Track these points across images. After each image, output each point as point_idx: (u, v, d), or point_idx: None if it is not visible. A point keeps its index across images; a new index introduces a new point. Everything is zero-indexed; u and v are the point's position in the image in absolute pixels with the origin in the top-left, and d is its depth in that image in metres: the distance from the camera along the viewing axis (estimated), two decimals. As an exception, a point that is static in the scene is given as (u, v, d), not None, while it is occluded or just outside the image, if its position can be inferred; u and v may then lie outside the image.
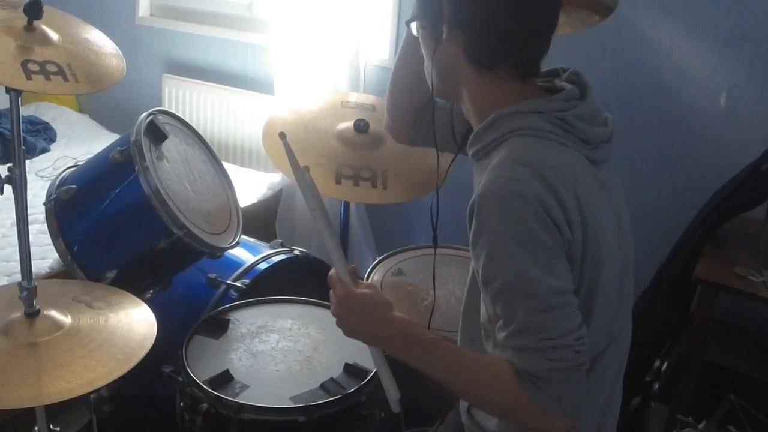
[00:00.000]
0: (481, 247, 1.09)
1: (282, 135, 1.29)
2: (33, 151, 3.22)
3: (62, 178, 1.82)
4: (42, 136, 3.38)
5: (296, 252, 2.14)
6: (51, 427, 1.57)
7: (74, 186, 1.73)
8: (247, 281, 1.96)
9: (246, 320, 1.78)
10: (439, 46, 1.19)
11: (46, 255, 2.39)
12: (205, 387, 1.50)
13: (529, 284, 1.05)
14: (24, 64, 1.35)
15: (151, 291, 1.82)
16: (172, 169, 1.79)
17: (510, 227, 1.06)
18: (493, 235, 1.07)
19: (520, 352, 1.07)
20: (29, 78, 1.34)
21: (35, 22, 1.42)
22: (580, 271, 1.12)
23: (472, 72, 1.19)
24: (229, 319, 1.76)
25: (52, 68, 1.38)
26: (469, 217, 1.11)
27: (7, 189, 1.41)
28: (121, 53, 1.57)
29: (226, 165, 2.07)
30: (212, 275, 1.97)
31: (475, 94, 1.21)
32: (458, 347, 1.21)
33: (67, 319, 1.46)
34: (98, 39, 1.57)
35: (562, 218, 1.07)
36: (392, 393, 1.23)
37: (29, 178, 1.47)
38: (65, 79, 1.38)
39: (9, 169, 1.41)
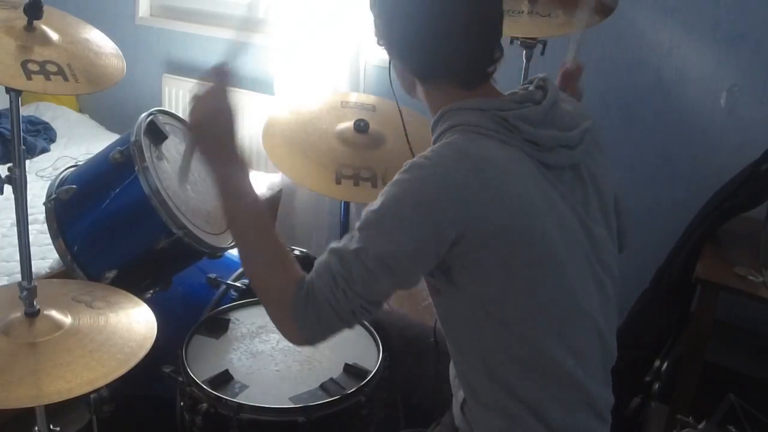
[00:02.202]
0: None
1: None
2: (33, 151, 3.22)
3: (62, 178, 1.82)
4: (42, 136, 3.38)
5: (296, 252, 2.14)
6: (51, 427, 1.56)
7: (74, 186, 1.73)
8: (247, 281, 1.96)
9: (246, 320, 1.78)
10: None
11: (46, 255, 2.39)
12: (204, 387, 1.50)
13: (370, 238, 1.12)
14: (24, 64, 1.34)
15: (151, 291, 1.82)
16: (172, 170, 1.79)
17: (396, 190, 1.12)
18: (386, 188, 1.15)
19: (324, 265, 1.14)
20: (29, 78, 1.34)
21: (35, 22, 1.42)
22: (486, 265, 1.13)
23: (418, 80, 1.25)
24: (229, 319, 1.76)
25: (52, 68, 1.37)
26: None
27: (7, 189, 1.41)
28: (120, 53, 1.57)
29: (226, 165, 2.07)
30: (212, 275, 1.97)
31: (428, 96, 1.26)
32: (265, 221, 1.22)
33: (67, 319, 1.46)
34: (98, 39, 1.57)
35: (456, 209, 1.10)
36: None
37: (29, 178, 1.47)
38: (65, 79, 1.38)
39: (9, 169, 1.41)
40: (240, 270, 2.00)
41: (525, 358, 1.18)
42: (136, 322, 1.51)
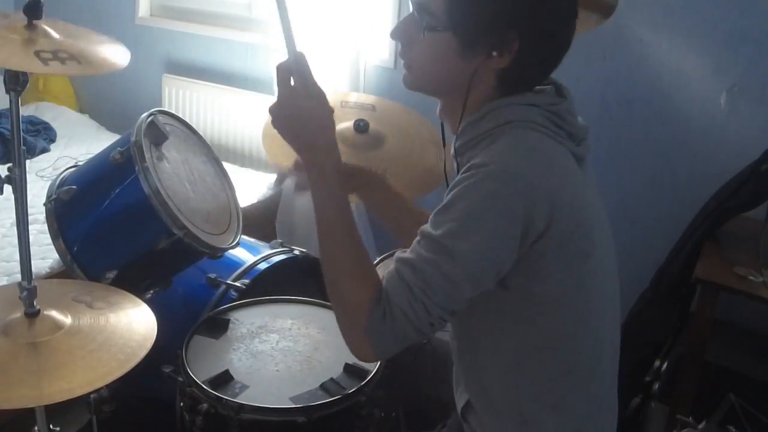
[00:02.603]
0: (450, 196, 1.09)
1: None
2: (33, 151, 3.23)
3: (62, 178, 1.82)
4: (42, 136, 3.38)
5: (296, 252, 2.14)
6: (51, 427, 1.56)
7: (74, 186, 1.73)
8: (247, 281, 1.95)
9: (246, 320, 1.78)
10: (480, 65, 1.14)
11: (46, 255, 2.39)
12: (205, 387, 1.50)
13: (452, 250, 1.05)
14: (37, 54, 1.34)
15: (151, 291, 1.82)
16: (172, 170, 1.79)
17: (478, 196, 1.06)
18: (461, 192, 1.07)
19: (396, 277, 1.08)
20: (46, 64, 1.33)
21: (35, 22, 1.42)
22: (558, 262, 1.11)
23: (493, 86, 1.17)
24: (229, 319, 1.76)
25: (63, 55, 1.37)
26: (462, 172, 1.10)
27: (7, 189, 1.41)
28: (123, 47, 1.55)
29: (226, 165, 2.07)
30: (212, 275, 1.97)
31: (477, 100, 1.18)
32: (354, 224, 1.18)
33: (67, 320, 1.46)
34: (96, 37, 1.56)
35: (545, 211, 1.06)
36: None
37: (29, 178, 1.47)
38: (79, 63, 1.38)
39: (9, 169, 1.41)
40: (240, 270, 2.01)
41: (564, 354, 1.18)
42: (136, 322, 1.51)
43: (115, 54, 1.49)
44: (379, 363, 1.59)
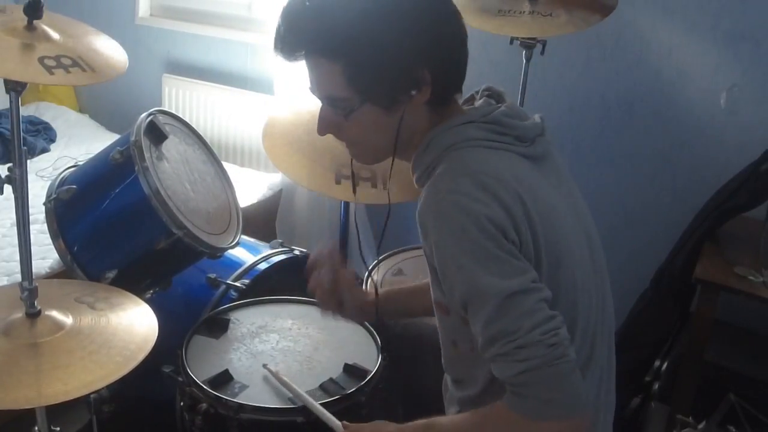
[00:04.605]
0: (436, 264, 1.10)
1: None
2: (33, 151, 3.23)
3: (62, 178, 1.82)
4: (42, 136, 3.38)
5: (296, 252, 2.14)
6: (51, 427, 1.56)
7: (74, 186, 1.73)
8: (247, 281, 1.96)
9: (246, 320, 1.78)
10: (405, 110, 1.16)
11: (46, 255, 2.39)
12: (204, 387, 1.51)
13: (481, 292, 1.05)
14: (41, 61, 1.34)
15: (151, 291, 1.82)
16: (172, 170, 1.79)
17: (453, 239, 1.07)
18: (439, 250, 1.08)
19: (493, 363, 1.07)
20: (51, 73, 1.33)
21: (35, 22, 1.42)
22: (537, 272, 1.10)
23: (428, 116, 1.19)
24: (229, 319, 1.76)
25: (67, 61, 1.37)
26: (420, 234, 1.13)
27: (7, 189, 1.41)
28: (119, 46, 1.56)
29: (226, 165, 2.07)
30: (212, 275, 1.97)
31: (424, 133, 1.20)
32: (454, 417, 1.23)
33: (68, 320, 1.46)
34: (95, 36, 1.56)
35: (508, 223, 1.07)
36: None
37: (29, 178, 1.47)
38: (83, 70, 1.38)
39: (9, 169, 1.41)
40: (240, 270, 2.01)
41: None
42: (137, 324, 1.51)
43: (114, 53, 1.50)
44: (378, 363, 1.60)
